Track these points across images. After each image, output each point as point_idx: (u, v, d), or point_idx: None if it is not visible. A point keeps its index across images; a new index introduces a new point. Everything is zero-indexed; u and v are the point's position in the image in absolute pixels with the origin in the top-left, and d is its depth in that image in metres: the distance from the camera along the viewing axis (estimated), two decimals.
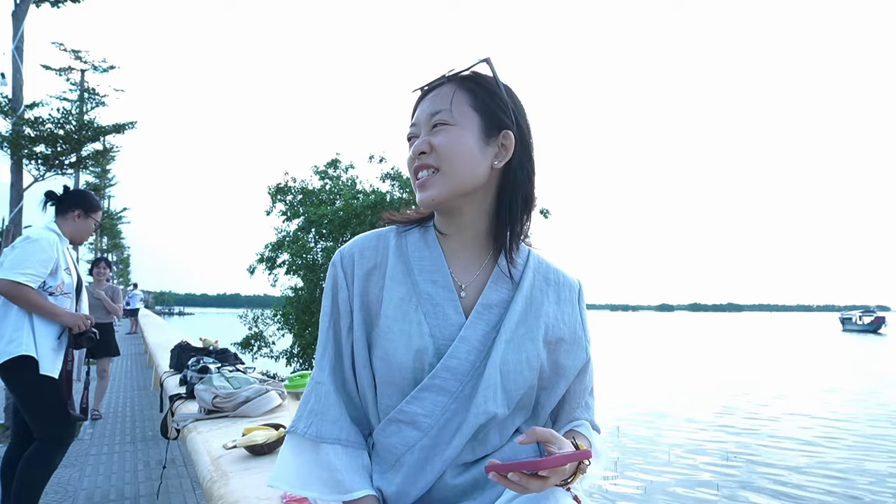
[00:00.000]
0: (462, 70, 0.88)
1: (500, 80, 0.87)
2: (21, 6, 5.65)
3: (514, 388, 0.84)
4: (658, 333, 44.10)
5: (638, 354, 23.32)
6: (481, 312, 0.87)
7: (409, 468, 0.84)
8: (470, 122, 0.85)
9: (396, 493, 0.84)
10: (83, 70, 18.90)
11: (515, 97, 0.89)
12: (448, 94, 0.87)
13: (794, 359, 21.50)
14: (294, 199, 13.31)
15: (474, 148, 0.85)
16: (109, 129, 6.41)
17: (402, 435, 0.85)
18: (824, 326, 61.56)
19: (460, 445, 0.83)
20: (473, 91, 0.87)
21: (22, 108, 5.66)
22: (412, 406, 0.84)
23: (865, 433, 8.53)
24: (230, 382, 2.44)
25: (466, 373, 0.84)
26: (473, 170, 0.85)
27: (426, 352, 0.84)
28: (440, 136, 0.85)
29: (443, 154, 0.85)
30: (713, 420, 9.37)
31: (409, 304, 0.87)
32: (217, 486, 1.53)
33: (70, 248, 2.71)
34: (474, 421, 0.82)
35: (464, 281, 0.89)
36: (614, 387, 13.00)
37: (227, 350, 3.57)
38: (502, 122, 0.86)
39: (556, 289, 0.92)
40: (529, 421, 0.91)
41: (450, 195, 0.85)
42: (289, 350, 12.92)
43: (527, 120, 0.90)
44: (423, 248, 0.91)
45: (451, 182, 0.85)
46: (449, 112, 0.85)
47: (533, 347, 0.86)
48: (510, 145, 0.86)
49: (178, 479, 3.83)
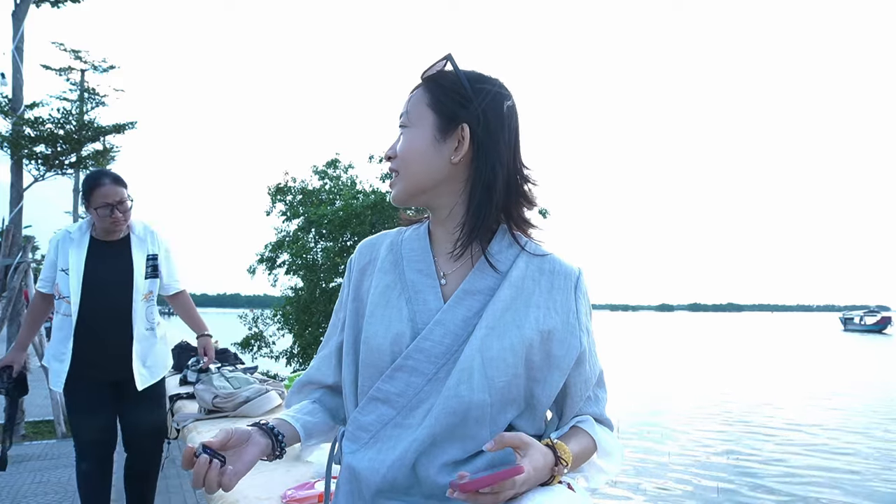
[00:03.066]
0: (425, 70, 0.91)
1: (463, 72, 0.88)
2: (21, 6, 5.65)
3: (496, 375, 0.82)
4: (658, 333, 44.10)
5: (638, 354, 23.32)
6: (462, 298, 0.87)
7: (381, 444, 0.86)
8: (425, 121, 0.89)
9: (367, 469, 0.84)
10: (83, 70, 18.89)
11: (485, 87, 0.88)
12: (412, 96, 0.92)
13: (795, 359, 21.50)
14: (294, 200, 13.32)
15: (428, 146, 0.88)
16: (109, 129, 6.42)
17: (378, 413, 0.87)
18: (825, 326, 61.56)
19: (432, 427, 0.82)
20: (431, 90, 0.90)
21: (22, 108, 5.66)
22: (386, 385, 0.87)
23: (875, 436, 8.53)
24: (230, 382, 2.44)
25: (441, 356, 0.85)
26: (428, 168, 0.88)
27: (404, 335, 0.87)
28: (401, 139, 0.91)
29: (401, 157, 0.90)
30: (713, 420, 9.38)
31: (392, 292, 0.91)
32: None
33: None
34: (445, 403, 0.82)
35: (447, 270, 0.92)
36: (614, 387, 12.98)
37: (227, 350, 3.57)
38: (457, 114, 0.87)
39: (550, 277, 0.90)
40: (525, 416, 0.89)
41: (408, 195, 0.91)
42: (289, 350, 12.93)
43: (499, 108, 0.88)
44: (414, 241, 0.95)
45: (406, 183, 0.90)
46: (407, 114, 0.91)
47: (518, 335, 0.84)
48: (466, 138, 0.86)
49: (178, 479, 3.83)
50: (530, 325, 0.86)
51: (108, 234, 2.39)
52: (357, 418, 0.90)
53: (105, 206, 2.29)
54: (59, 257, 2.38)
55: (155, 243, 2.52)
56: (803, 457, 7.14)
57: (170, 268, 2.58)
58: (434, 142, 0.87)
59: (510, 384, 0.84)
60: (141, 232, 2.49)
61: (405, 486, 0.84)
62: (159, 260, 2.51)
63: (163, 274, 2.53)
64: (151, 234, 2.52)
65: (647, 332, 45.73)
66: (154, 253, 2.49)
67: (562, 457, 0.81)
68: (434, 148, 0.88)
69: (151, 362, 2.46)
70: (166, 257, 2.56)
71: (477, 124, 0.86)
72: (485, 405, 0.82)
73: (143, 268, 2.44)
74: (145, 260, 2.45)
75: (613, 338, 34.94)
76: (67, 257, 2.36)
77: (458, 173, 0.89)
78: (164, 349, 2.57)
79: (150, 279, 2.47)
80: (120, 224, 2.35)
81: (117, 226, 2.35)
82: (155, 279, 2.50)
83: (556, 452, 0.81)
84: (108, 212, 2.29)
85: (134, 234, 2.46)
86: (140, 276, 2.41)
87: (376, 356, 0.88)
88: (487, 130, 0.87)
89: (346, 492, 0.88)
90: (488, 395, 0.82)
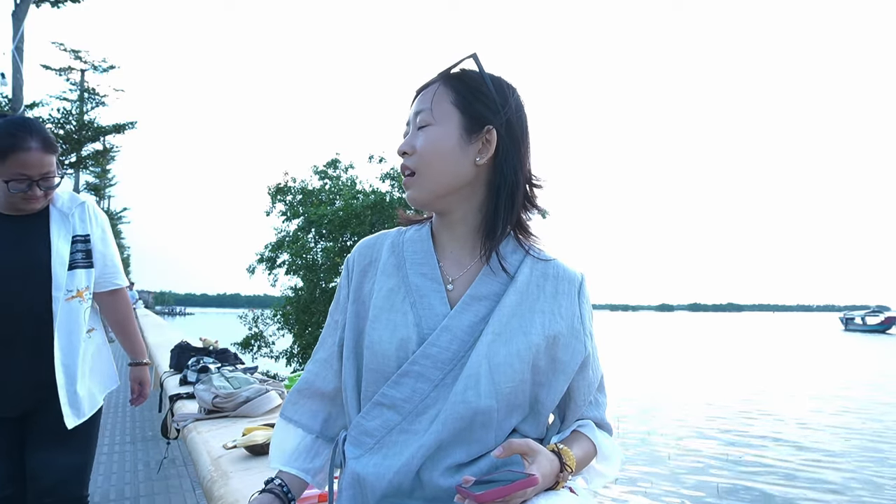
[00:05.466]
0: (449, 67, 0.89)
1: (487, 74, 0.87)
2: (21, 6, 5.65)
3: (503, 380, 0.82)
4: (658, 333, 44.12)
5: (638, 355, 23.32)
6: (468, 304, 0.86)
7: (386, 450, 0.85)
8: (450, 120, 0.86)
9: (373, 475, 0.83)
10: (83, 70, 18.92)
11: (507, 91, 0.88)
12: (431, 93, 0.88)
13: (795, 360, 21.50)
14: (294, 200, 13.34)
15: (454, 146, 0.85)
16: (109, 129, 6.44)
17: (384, 418, 0.86)
18: (825, 326, 61.56)
19: (439, 433, 0.82)
20: (456, 88, 0.87)
21: (22, 107, 5.68)
22: (392, 390, 0.86)
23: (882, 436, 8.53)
24: (230, 382, 2.44)
25: (448, 361, 0.84)
26: (454, 169, 0.86)
27: (410, 340, 0.86)
28: (421, 136, 0.87)
29: (422, 155, 0.86)
30: (714, 420, 9.38)
31: (396, 296, 0.89)
32: (217, 486, 1.54)
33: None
34: (452, 409, 0.81)
35: (454, 275, 0.90)
36: (614, 387, 13.01)
37: (227, 350, 3.57)
38: (485, 117, 0.85)
39: (555, 282, 0.90)
40: (528, 420, 0.89)
41: (430, 196, 0.88)
42: (289, 350, 12.94)
43: (520, 113, 0.89)
44: (417, 244, 0.93)
45: (428, 183, 0.87)
46: (430, 112, 0.86)
47: (525, 341, 0.84)
48: (493, 140, 0.85)
49: (178, 479, 3.83)
50: (536, 331, 0.85)
51: (16, 208, 1.68)
52: (361, 423, 0.88)
53: (22, 178, 1.60)
54: None
55: (87, 220, 1.80)
56: (804, 457, 7.15)
57: (107, 254, 1.85)
58: (460, 142, 0.85)
59: (516, 389, 0.84)
60: (66, 205, 1.77)
61: (408, 490, 0.84)
62: (93, 242, 1.80)
63: (97, 261, 1.82)
64: (81, 206, 1.80)
65: (647, 332, 45.74)
66: (85, 234, 1.78)
67: (566, 463, 0.81)
68: (460, 148, 0.85)
69: (86, 386, 1.77)
70: (102, 239, 1.84)
71: (502, 127, 0.86)
72: (491, 411, 0.82)
73: (67, 254, 1.72)
74: (70, 243, 1.74)
75: (614, 338, 34.94)
76: None
77: (479, 176, 0.88)
78: (102, 365, 1.89)
79: (80, 269, 1.75)
80: (37, 202, 1.68)
81: (32, 203, 1.67)
82: (89, 269, 1.79)
83: (562, 458, 0.81)
84: (24, 187, 1.61)
85: (55, 207, 1.75)
86: (61, 265, 1.69)
87: (381, 361, 0.87)
88: (511, 135, 0.87)
89: (350, 497, 0.87)
90: (495, 401, 0.82)
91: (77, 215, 1.78)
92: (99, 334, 1.90)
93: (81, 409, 1.74)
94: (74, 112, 6.01)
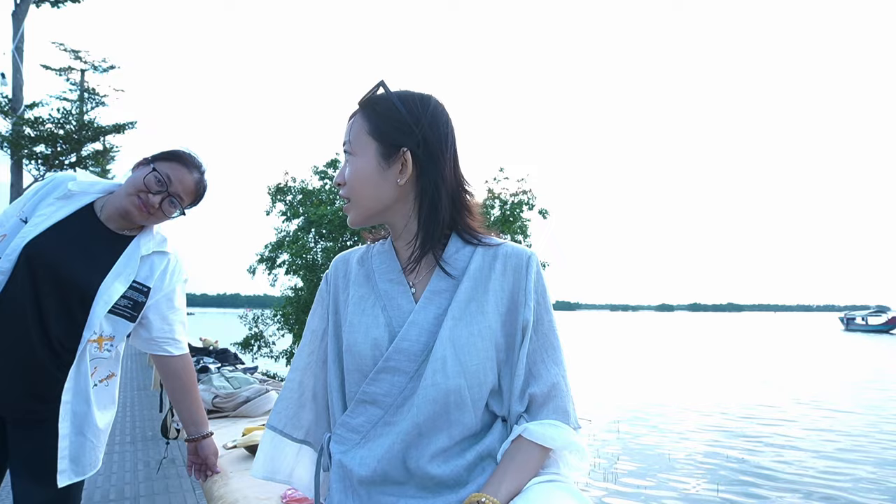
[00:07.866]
0: (363, 97, 0.95)
1: (397, 96, 0.92)
2: (21, 6, 5.66)
3: (468, 360, 0.88)
4: (658, 334, 44.11)
5: (638, 355, 23.32)
6: (430, 298, 0.93)
7: (371, 443, 0.91)
8: (368, 149, 0.92)
9: (359, 464, 0.90)
10: (83, 70, 18.93)
11: (419, 109, 0.92)
12: (352, 124, 0.96)
13: (795, 360, 21.50)
14: (294, 200, 13.32)
15: (374, 173, 0.92)
16: (109, 129, 6.44)
17: (368, 414, 0.92)
18: (825, 326, 61.56)
19: (417, 418, 0.87)
20: (370, 118, 0.93)
21: (22, 108, 5.68)
22: (372, 387, 0.92)
23: (886, 435, 8.52)
24: (230, 382, 2.45)
25: (420, 353, 0.90)
26: (377, 193, 0.93)
27: (382, 339, 0.92)
28: (348, 167, 0.95)
29: (351, 185, 0.94)
30: (714, 421, 9.38)
31: (367, 302, 0.97)
32: (217, 486, 1.54)
33: None
34: (424, 393, 0.87)
35: (414, 279, 0.97)
36: (614, 387, 13.01)
37: (227, 350, 3.58)
38: (399, 141, 0.91)
39: (504, 260, 0.95)
40: (495, 394, 0.93)
41: (364, 218, 0.96)
42: (289, 350, 12.94)
43: (436, 127, 0.92)
44: (383, 254, 1.01)
45: (360, 208, 0.95)
46: (350, 143, 0.95)
47: (484, 320, 0.91)
48: (409, 161, 0.91)
49: (178, 479, 3.83)
50: (491, 308, 0.92)
51: (115, 219, 1.50)
52: (347, 422, 0.94)
53: (155, 192, 1.47)
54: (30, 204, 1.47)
55: (161, 273, 1.57)
56: (804, 457, 7.14)
57: (167, 317, 1.59)
58: (379, 168, 0.92)
59: (484, 367, 0.90)
60: (150, 244, 1.56)
61: (399, 479, 0.88)
62: (156, 297, 1.56)
63: (153, 321, 1.57)
64: (162, 256, 1.58)
65: (647, 333, 45.74)
66: (147, 286, 1.53)
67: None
68: (379, 174, 0.92)
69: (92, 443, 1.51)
70: (168, 299, 1.60)
71: (417, 147, 0.91)
72: (462, 389, 0.88)
73: (116, 296, 1.46)
74: (127, 286, 1.48)
75: (614, 338, 34.92)
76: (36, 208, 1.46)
77: (406, 193, 0.94)
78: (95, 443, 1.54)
79: (118, 318, 1.50)
80: (141, 217, 1.49)
81: (140, 212, 1.47)
82: (129, 323, 1.52)
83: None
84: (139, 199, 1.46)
85: (140, 239, 1.54)
86: (104, 304, 1.45)
87: (359, 361, 0.93)
88: (428, 152, 0.92)
89: (339, 488, 0.92)
90: (464, 380, 0.88)
91: (154, 262, 1.56)
92: (115, 385, 1.62)
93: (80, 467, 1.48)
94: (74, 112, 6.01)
